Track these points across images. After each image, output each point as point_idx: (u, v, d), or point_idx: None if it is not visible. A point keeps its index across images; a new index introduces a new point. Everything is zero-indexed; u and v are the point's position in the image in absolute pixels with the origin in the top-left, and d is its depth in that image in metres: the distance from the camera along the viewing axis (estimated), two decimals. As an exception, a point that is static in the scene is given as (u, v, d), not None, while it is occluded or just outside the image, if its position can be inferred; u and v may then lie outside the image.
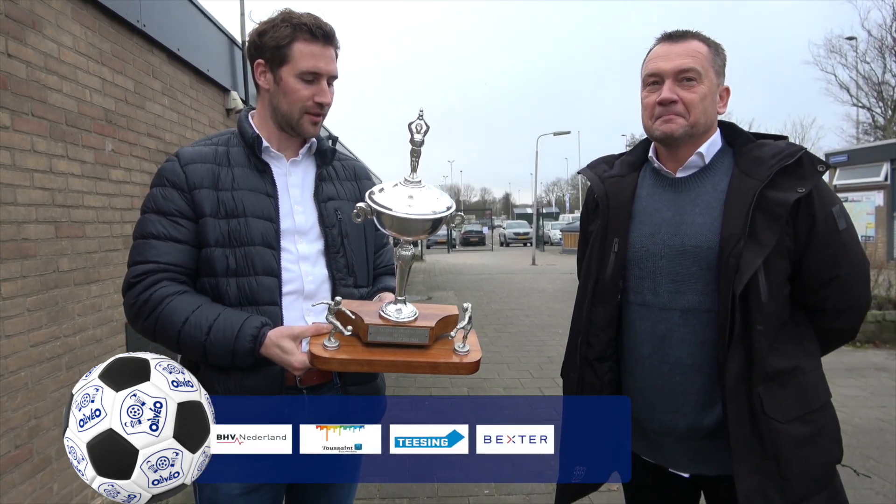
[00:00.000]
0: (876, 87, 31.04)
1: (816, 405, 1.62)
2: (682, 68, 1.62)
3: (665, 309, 1.65)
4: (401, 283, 1.51)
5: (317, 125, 1.71)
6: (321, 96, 1.67)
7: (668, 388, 1.65)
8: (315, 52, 1.64)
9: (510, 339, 8.48)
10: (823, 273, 1.62)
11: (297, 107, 1.67)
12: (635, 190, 1.76)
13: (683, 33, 1.67)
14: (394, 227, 1.40)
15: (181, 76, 4.84)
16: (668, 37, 1.68)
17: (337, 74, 1.70)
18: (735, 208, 1.58)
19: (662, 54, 1.66)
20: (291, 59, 1.64)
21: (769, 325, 1.56)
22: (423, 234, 1.41)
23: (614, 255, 1.71)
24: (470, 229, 37.44)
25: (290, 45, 1.64)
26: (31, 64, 2.93)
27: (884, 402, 5.56)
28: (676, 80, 1.63)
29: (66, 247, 3.21)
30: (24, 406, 2.84)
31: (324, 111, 1.70)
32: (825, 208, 1.59)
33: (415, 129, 1.37)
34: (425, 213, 1.37)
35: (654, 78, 1.66)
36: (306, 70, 1.64)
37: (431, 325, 1.47)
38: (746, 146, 1.67)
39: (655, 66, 1.66)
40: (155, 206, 1.64)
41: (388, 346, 1.47)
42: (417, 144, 1.37)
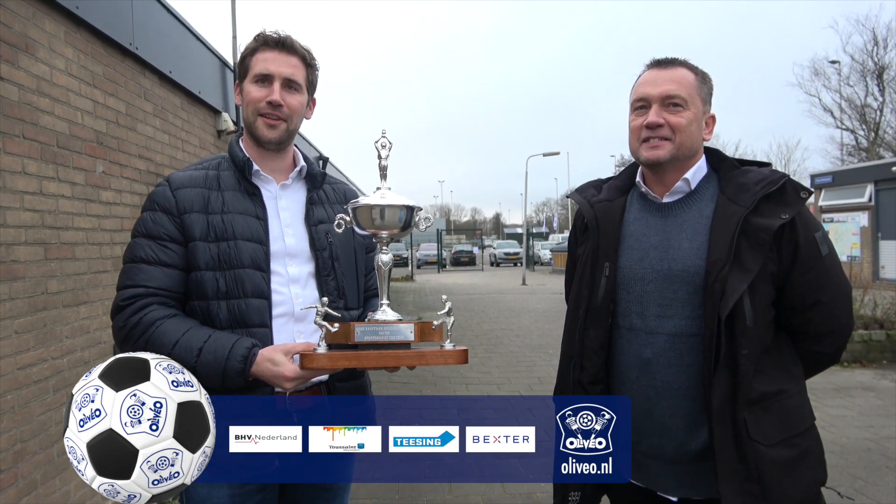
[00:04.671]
0: (859, 110, 31.59)
1: (801, 428, 1.64)
2: (669, 94, 1.66)
3: (652, 333, 1.67)
4: (383, 287, 1.64)
5: (273, 128, 1.72)
6: (271, 95, 1.70)
7: (655, 412, 1.66)
8: (268, 57, 1.71)
9: (500, 360, 8.47)
10: (806, 297, 1.64)
11: (251, 109, 1.72)
12: (623, 214, 1.79)
13: (671, 60, 1.72)
14: (370, 219, 1.56)
15: (173, 98, 4.86)
16: (656, 63, 1.73)
17: (292, 78, 1.72)
18: (720, 234, 1.60)
19: (650, 80, 1.70)
20: (249, 69, 1.72)
21: (754, 349, 1.58)
22: (397, 227, 1.58)
23: (605, 278, 1.73)
24: (460, 249, 37.73)
25: (251, 57, 1.72)
26: (23, 87, 2.94)
27: (871, 422, 5.59)
28: (663, 105, 1.67)
29: (56, 268, 3.20)
30: (9, 430, 2.81)
31: (279, 113, 1.71)
32: (808, 234, 1.62)
33: (380, 146, 1.61)
34: (397, 202, 1.57)
35: (642, 102, 1.70)
36: (258, 73, 1.71)
37: (416, 321, 1.57)
38: (731, 172, 1.70)
39: (643, 91, 1.70)
40: (145, 231, 1.66)
41: (374, 346, 1.53)
42: (384, 159, 1.61)
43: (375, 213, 1.56)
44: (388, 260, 1.63)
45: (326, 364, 1.51)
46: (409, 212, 1.58)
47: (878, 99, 31.02)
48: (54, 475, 3.14)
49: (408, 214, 1.58)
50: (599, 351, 1.73)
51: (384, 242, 1.61)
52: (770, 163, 1.79)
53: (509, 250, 37.69)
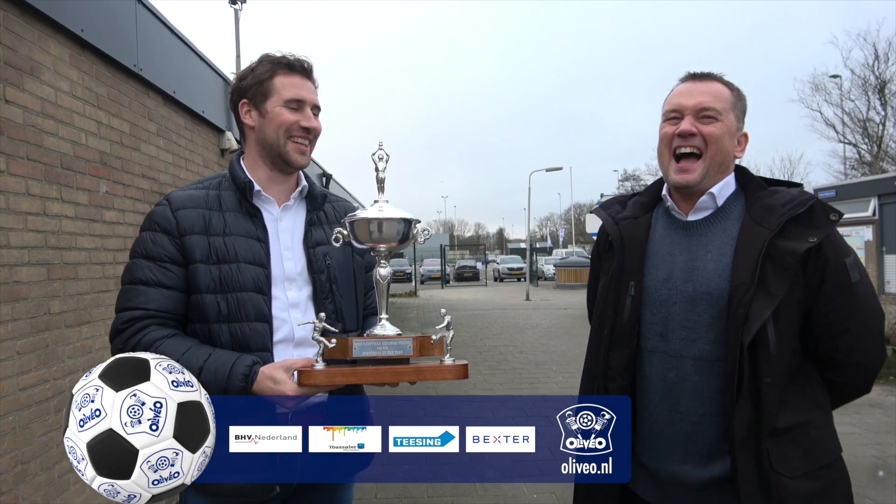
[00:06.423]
0: (861, 124, 31.62)
1: (826, 460, 1.57)
2: (703, 106, 1.62)
3: (676, 356, 1.62)
4: (381, 301, 1.62)
5: (304, 154, 1.73)
6: (307, 121, 1.71)
7: (678, 438, 1.61)
8: (296, 82, 1.71)
9: (504, 377, 8.43)
10: (834, 325, 1.57)
11: (282, 131, 1.70)
12: (649, 232, 1.74)
13: (707, 74, 1.69)
14: (368, 233, 1.55)
15: (176, 117, 4.90)
16: (691, 76, 1.70)
17: (319, 105, 1.75)
18: (744, 257, 1.55)
19: (685, 91, 1.67)
20: (275, 92, 1.70)
21: (777, 378, 1.52)
22: (395, 240, 1.56)
23: (631, 298, 1.69)
24: (464, 264, 37.77)
25: (272, 79, 1.71)
26: (28, 109, 2.97)
27: (879, 439, 5.53)
28: (696, 116, 1.63)
29: (58, 289, 3.21)
30: (10, 451, 2.81)
31: (310, 137, 1.73)
32: (837, 259, 1.55)
33: (377, 159, 1.60)
34: (394, 215, 1.56)
35: (675, 113, 1.66)
36: (291, 98, 1.70)
37: (414, 336, 1.54)
38: (758, 193, 1.65)
39: (677, 102, 1.66)
40: (144, 251, 1.65)
41: (373, 361, 1.52)
42: (381, 171, 1.61)
43: (373, 227, 1.54)
44: (387, 274, 1.62)
45: (323, 380, 1.50)
46: (407, 225, 1.57)
47: (880, 113, 31.08)
48: (55, 496, 3.12)
49: (406, 227, 1.57)
50: (624, 373, 1.68)
51: (383, 256, 1.60)
52: (801, 184, 1.71)
53: (513, 265, 37.67)
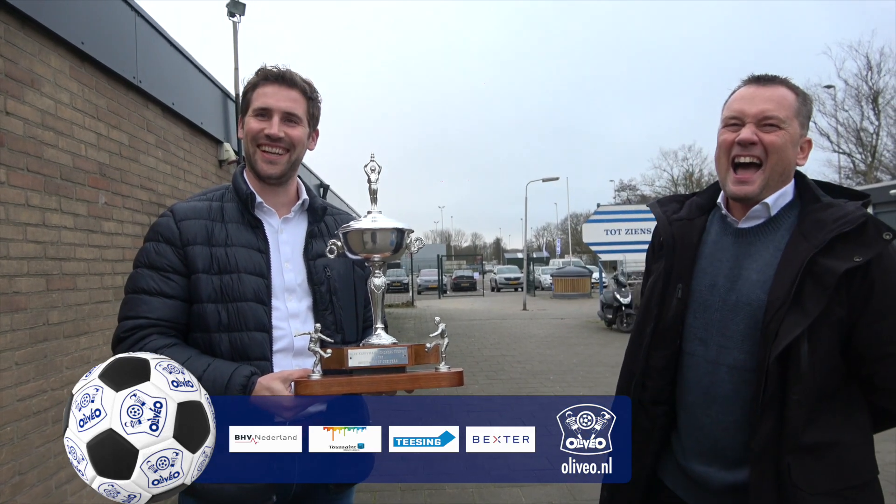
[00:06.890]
0: (855, 134, 31.85)
1: (856, 482, 1.53)
2: (767, 114, 1.56)
3: (713, 362, 1.61)
4: (377, 311, 1.62)
5: (273, 164, 1.73)
6: (270, 128, 1.71)
7: (707, 442, 1.62)
8: (269, 91, 1.73)
9: (502, 387, 8.41)
10: (876, 347, 1.51)
11: (250, 141, 1.73)
12: (702, 235, 1.71)
13: (772, 78, 1.62)
14: (362, 243, 1.57)
15: (175, 129, 4.93)
16: (755, 80, 1.63)
17: (292, 111, 1.73)
18: (785, 272, 1.51)
19: (747, 96, 1.60)
20: (250, 103, 1.74)
21: (806, 396, 1.47)
22: (388, 250, 1.57)
23: (677, 300, 1.67)
24: (461, 274, 37.78)
25: (252, 91, 1.75)
26: (28, 121, 2.99)
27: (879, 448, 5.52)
28: (758, 124, 1.57)
29: (57, 299, 3.22)
30: (8, 462, 2.80)
31: (280, 146, 1.72)
32: (887, 279, 1.48)
33: (369, 170, 1.62)
34: (387, 225, 1.57)
35: (735, 120, 1.60)
36: (258, 107, 1.73)
37: (409, 345, 1.55)
38: (812, 206, 1.59)
39: (738, 108, 1.60)
40: (147, 261, 1.67)
41: (369, 370, 1.53)
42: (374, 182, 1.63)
43: (367, 237, 1.56)
44: (381, 283, 1.62)
45: (319, 390, 1.51)
46: (400, 235, 1.58)
47: (873, 123, 31.36)
48: (52, 508, 3.12)
49: (399, 237, 1.58)
50: (664, 372, 1.68)
51: (377, 266, 1.61)
52: (867, 195, 1.63)
53: (510, 275, 37.71)
